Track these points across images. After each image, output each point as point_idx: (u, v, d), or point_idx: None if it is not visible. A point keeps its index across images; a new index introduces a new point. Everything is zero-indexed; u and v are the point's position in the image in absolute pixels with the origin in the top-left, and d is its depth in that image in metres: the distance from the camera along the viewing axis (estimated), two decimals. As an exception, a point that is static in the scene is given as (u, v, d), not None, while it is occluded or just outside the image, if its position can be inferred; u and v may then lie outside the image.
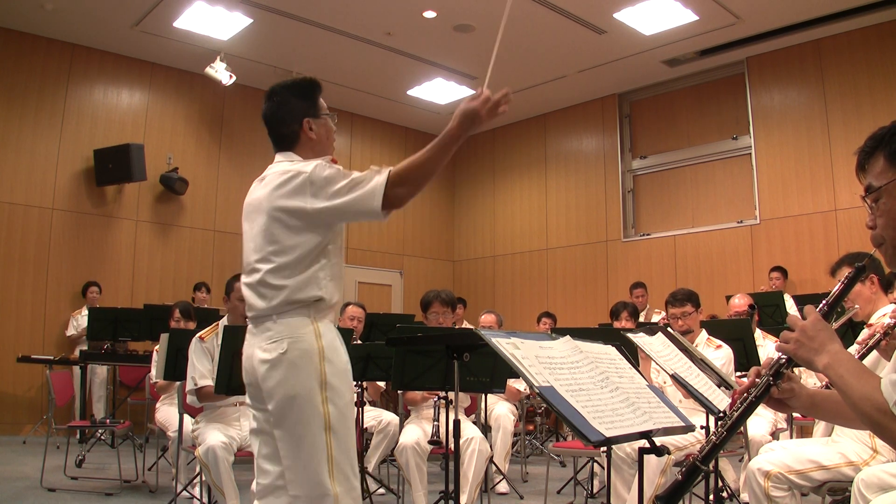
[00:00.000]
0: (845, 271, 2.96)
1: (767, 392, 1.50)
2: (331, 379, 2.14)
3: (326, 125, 2.37)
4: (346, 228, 2.43)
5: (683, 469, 1.53)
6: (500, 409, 5.31)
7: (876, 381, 1.29)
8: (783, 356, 1.47)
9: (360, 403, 4.52)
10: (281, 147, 2.34)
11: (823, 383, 2.56)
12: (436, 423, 3.82)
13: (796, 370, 4.43)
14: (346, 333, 3.39)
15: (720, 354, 3.77)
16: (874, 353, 2.51)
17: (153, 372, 4.98)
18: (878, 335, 2.47)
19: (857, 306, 2.97)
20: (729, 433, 1.51)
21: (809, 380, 4.62)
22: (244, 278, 2.29)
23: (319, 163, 2.17)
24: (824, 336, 1.37)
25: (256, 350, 2.18)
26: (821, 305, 1.47)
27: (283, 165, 2.25)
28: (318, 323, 2.19)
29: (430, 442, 3.79)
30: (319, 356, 2.14)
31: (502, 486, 5.04)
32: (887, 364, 1.97)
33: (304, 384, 2.11)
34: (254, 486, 2.25)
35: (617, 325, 5.58)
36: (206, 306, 7.55)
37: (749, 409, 1.50)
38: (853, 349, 2.72)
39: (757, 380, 1.51)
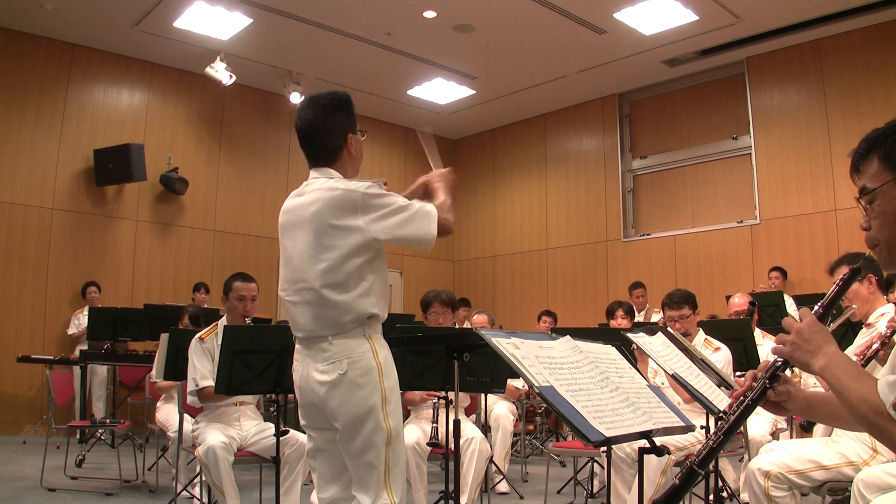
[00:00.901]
0: (844, 271, 2.97)
1: (764, 395, 1.50)
2: (389, 394, 2.22)
3: (360, 142, 2.39)
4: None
5: (681, 472, 1.53)
6: (500, 409, 5.31)
7: (872, 383, 1.29)
8: (779, 359, 1.46)
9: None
10: (319, 161, 2.32)
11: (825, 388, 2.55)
12: (434, 424, 3.82)
13: (797, 369, 4.43)
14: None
15: (718, 357, 3.76)
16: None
17: (153, 372, 4.97)
18: (875, 345, 2.47)
19: (854, 306, 2.97)
20: (726, 437, 1.51)
21: (809, 380, 4.62)
22: (290, 297, 2.29)
23: (371, 184, 2.20)
24: (820, 338, 1.37)
25: (313, 372, 2.21)
26: (816, 307, 1.47)
27: (331, 182, 2.23)
28: (372, 339, 2.23)
29: (428, 444, 3.79)
30: (378, 373, 2.20)
31: (502, 486, 5.04)
32: (883, 367, 1.97)
33: (366, 402, 2.17)
34: (314, 497, 2.37)
35: (613, 323, 5.60)
36: (205, 306, 7.55)
37: (746, 413, 1.50)
38: (851, 356, 2.72)
39: (753, 383, 1.51)
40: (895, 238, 1.35)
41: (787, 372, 1.53)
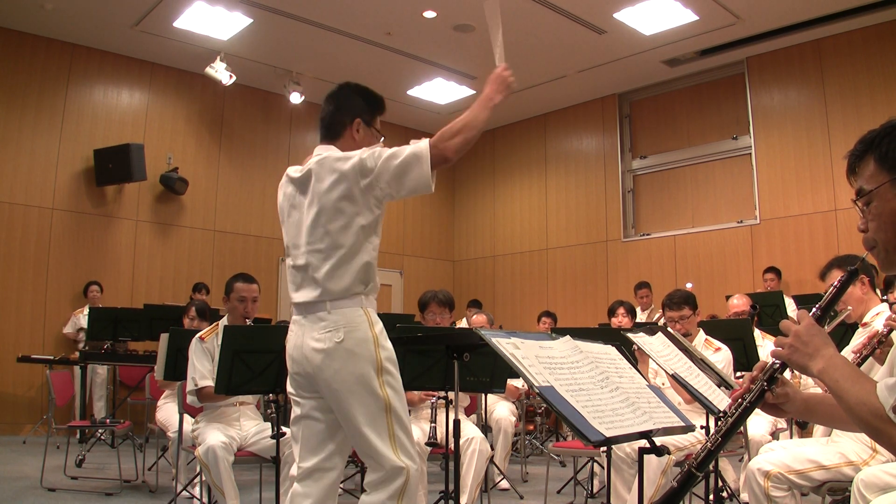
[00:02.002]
0: (835, 274, 2.99)
1: (762, 397, 1.50)
2: (385, 364, 2.25)
3: (373, 137, 2.45)
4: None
5: (679, 475, 1.53)
6: (501, 412, 5.32)
7: (871, 386, 1.28)
8: (777, 361, 1.46)
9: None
10: (326, 136, 2.45)
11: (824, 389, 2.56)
12: (433, 424, 3.82)
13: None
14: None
15: (719, 357, 3.76)
16: (869, 359, 2.52)
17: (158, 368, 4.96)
18: (872, 343, 2.47)
19: (849, 308, 2.98)
20: (724, 439, 1.51)
21: (809, 381, 4.62)
22: (292, 262, 2.34)
23: (367, 147, 2.27)
24: (818, 341, 1.36)
25: (309, 340, 2.25)
26: (814, 310, 1.46)
27: (332, 152, 2.33)
28: (368, 310, 2.28)
29: (427, 443, 3.80)
30: (374, 343, 2.24)
31: (503, 483, 5.04)
32: (881, 368, 1.98)
33: (362, 371, 2.20)
34: (293, 469, 2.34)
35: (614, 321, 5.60)
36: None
37: (744, 415, 1.50)
38: (848, 355, 2.73)
39: (751, 385, 1.51)
40: (893, 239, 1.34)
41: (787, 374, 1.53)
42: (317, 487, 2.28)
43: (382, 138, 2.50)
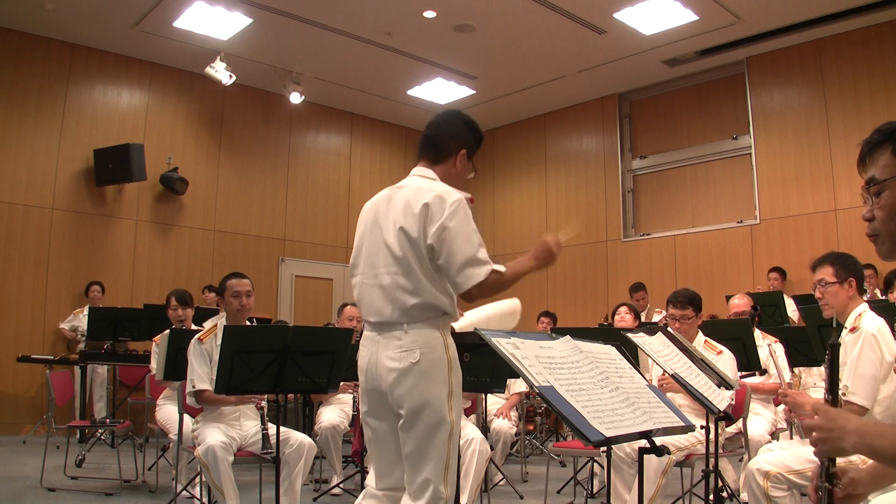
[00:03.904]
0: (825, 271, 3.00)
1: (832, 499, 1.48)
2: (455, 389, 2.27)
3: (467, 170, 2.50)
4: (345, 228, 2.45)
5: None
6: (501, 423, 5.33)
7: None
8: (823, 459, 1.46)
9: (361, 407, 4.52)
10: (427, 155, 2.46)
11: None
12: None
13: (797, 370, 4.42)
14: (347, 333, 3.40)
15: (721, 361, 3.75)
16: (892, 375, 2.53)
17: (153, 364, 4.96)
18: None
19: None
20: None
21: (809, 379, 4.62)
22: (369, 280, 2.34)
23: (461, 198, 2.29)
24: (839, 421, 1.36)
25: (384, 359, 2.26)
26: (824, 396, 1.49)
27: (429, 184, 2.34)
28: (444, 335, 2.29)
29: None
30: (448, 367, 2.26)
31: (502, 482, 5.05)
32: None
33: (435, 393, 2.22)
34: (369, 479, 2.39)
35: (616, 318, 5.59)
36: (216, 307, 7.51)
37: None
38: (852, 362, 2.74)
39: (818, 494, 1.50)
40: None
41: (788, 376, 1.53)
42: None
43: (474, 174, 2.55)
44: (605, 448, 3.36)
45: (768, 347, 4.36)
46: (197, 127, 9.09)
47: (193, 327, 5.05)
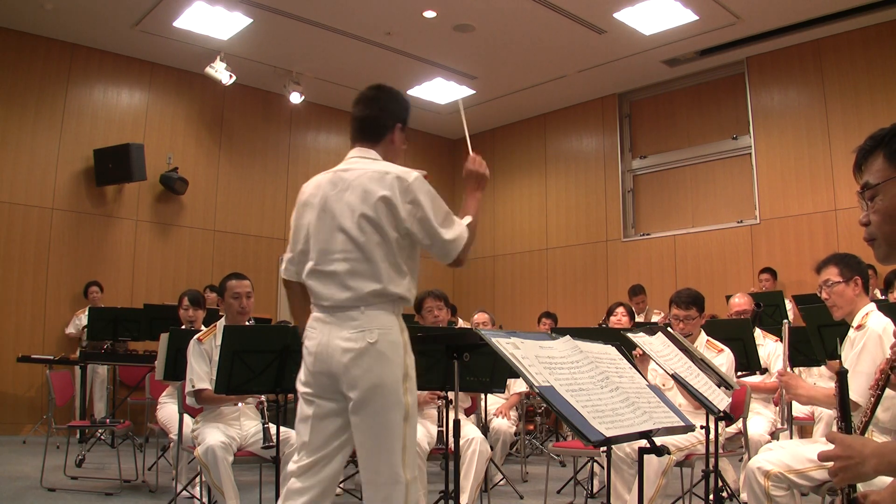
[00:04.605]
0: (830, 271, 3.00)
1: None
2: (410, 371, 2.27)
3: (404, 141, 2.53)
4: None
5: None
6: (501, 423, 5.33)
7: None
8: (844, 487, 1.48)
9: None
10: (364, 136, 2.44)
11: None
12: (440, 428, 3.82)
13: (797, 369, 4.41)
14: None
15: (721, 360, 3.74)
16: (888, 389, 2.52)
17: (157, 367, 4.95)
18: (885, 372, 2.47)
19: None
20: None
21: (809, 379, 4.62)
22: (322, 266, 2.31)
23: (419, 176, 2.30)
24: (857, 447, 1.37)
25: (337, 340, 2.23)
26: (836, 424, 1.51)
27: (381, 164, 2.35)
28: (399, 318, 2.30)
29: (436, 448, 3.80)
30: (404, 349, 2.26)
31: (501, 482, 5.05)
32: None
33: (391, 374, 2.21)
34: (293, 466, 2.30)
35: (613, 320, 5.60)
36: (216, 306, 7.49)
37: None
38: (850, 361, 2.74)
39: None
40: (894, 234, 1.37)
41: (798, 370, 1.54)
42: (314, 480, 2.25)
43: (406, 146, 2.56)
44: (605, 448, 3.36)
45: (786, 325, 4.34)
46: (197, 127, 9.09)
47: (204, 329, 5.06)
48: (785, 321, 2.91)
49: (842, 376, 1.50)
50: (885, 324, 2.75)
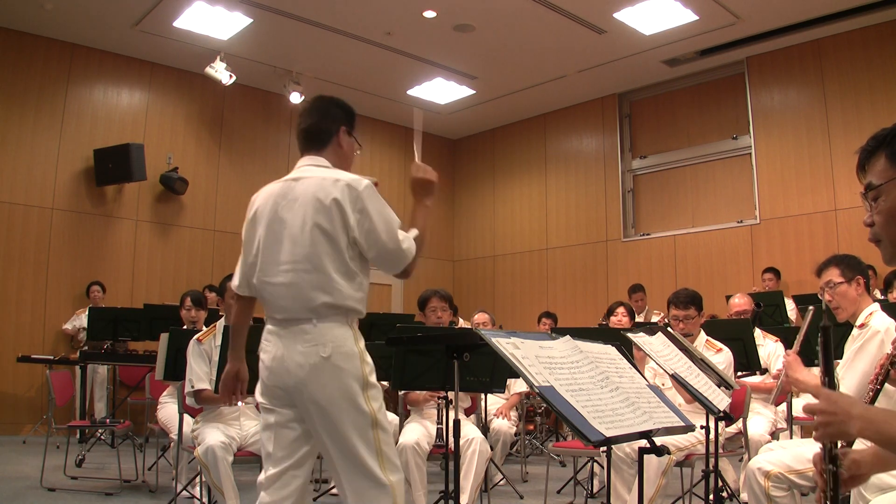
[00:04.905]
0: (831, 272, 2.99)
1: (838, 480, 1.48)
2: (370, 378, 2.24)
3: (353, 147, 2.49)
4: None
5: None
6: (501, 420, 5.32)
7: None
8: (825, 443, 1.46)
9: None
10: (310, 144, 2.43)
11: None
12: (439, 426, 3.82)
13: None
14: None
15: (720, 359, 3.75)
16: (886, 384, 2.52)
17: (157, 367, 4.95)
18: (885, 367, 2.47)
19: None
20: None
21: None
22: (271, 278, 2.28)
23: (369, 184, 2.27)
24: (843, 404, 1.35)
25: (293, 354, 2.19)
26: (820, 376, 1.48)
27: (333, 172, 2.32)
28: (353, 328, 2.27)
29: (436, 446, 3.80)
30: (360, 358, 2.22)
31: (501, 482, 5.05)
32: None
33: (348, 387, 2.18)
34: (261, 477, 2.27)
35: (613, 320, 5.60)
36: (215, 306, 7.49)
37: None
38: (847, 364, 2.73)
39: (824, 477, 1.49)
40: None
41: (778, 369, 1.52)
42: (283, 493, 2.21)
43: (360, 150, 2.55)
44: (605, 448, 3.36)
45: (811, 311, 4.31)
46: (197, 127, 9.09)
47: (205, 329, 5.06)
48: (811, 307, 2.85)
49: (825, 331, 1.48)
50: (889, 324, 2.74)
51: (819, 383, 1.44)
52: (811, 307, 2.86)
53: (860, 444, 1.76)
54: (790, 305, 6.39)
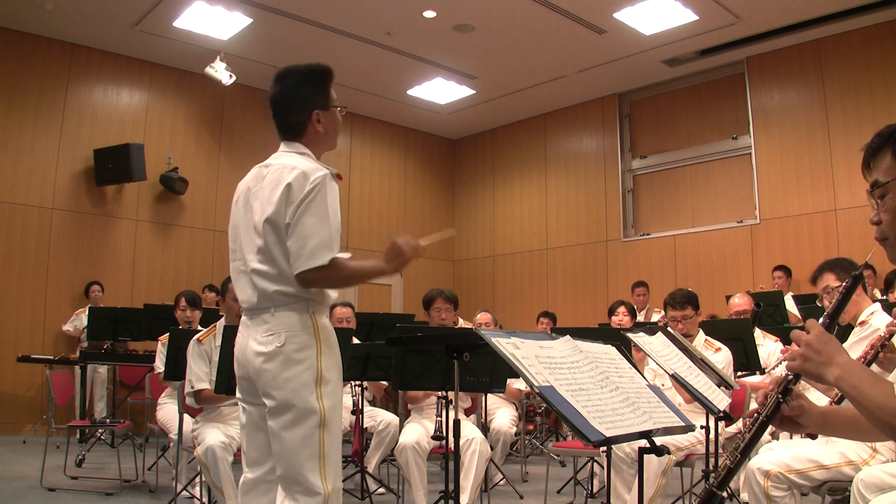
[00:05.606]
0: (827, 278, 3.00)
1: (778, 410, 1.46)
2: (326, 373, 2.15)
3: (335, 117, 2.38)
4: (345, 227, 2.44)
5: (701, 496, 1.52)
6: (502, 420, 5.32)
7: (890, 389, 1.27)
8: (791, 373, 1.43)
9: (360, 408, 4.53)
10: (286, 135, 2.37)
11: (830, 400, 2.55)
12: (438, 418, 3.82)
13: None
14: (346, 334, 3.40)
15: (719, 357, 3.76)
16: (874, 366, 2.52)
17: (158, 363, 4.94)
18: (876, 348, 2.47)
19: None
20: (743, 455, 1.48)
21: (817, 393, 4.61)
22: (239, 266, 2.27)
23: (326, 175, 2.18)
24: (831, 348, 1.34)
25: (252, 342, 2.17)
26: (822, 318, 1.45)
27: (292, 159, 2.26)
28: (315, 318, 2.19)
29: (433, 437, 3.79)
30: (316, 351, 2.14)
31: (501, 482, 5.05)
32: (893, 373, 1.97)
33: (300, 379, 2.10)
34: (241, 478, 2.26)
35: (614, 319, 5.60)
36: (215, 306, 7.49)
37: (760, 430, 1.47)
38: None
39: (766, 399, 1.48)
40: None
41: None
42: (263, 501, 2.19)
43: (345, 109, 2.43)
44: (605, 448, 3.36)
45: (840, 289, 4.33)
46: (197, 127, 9.09)
47: (205, 329, 5.06)
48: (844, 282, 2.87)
49: (856, 279, 1.46)
50: (889, 322, 2.76)
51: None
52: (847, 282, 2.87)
53: (816, 399, 1.74)
54: (790, 305, 6.38)
